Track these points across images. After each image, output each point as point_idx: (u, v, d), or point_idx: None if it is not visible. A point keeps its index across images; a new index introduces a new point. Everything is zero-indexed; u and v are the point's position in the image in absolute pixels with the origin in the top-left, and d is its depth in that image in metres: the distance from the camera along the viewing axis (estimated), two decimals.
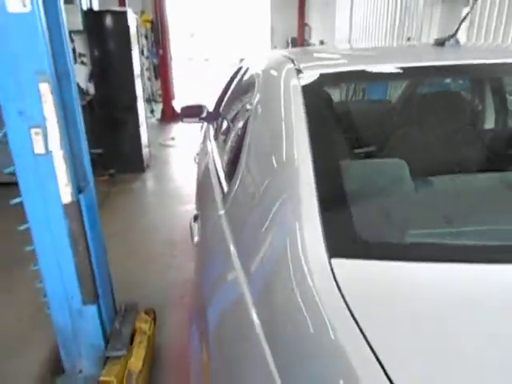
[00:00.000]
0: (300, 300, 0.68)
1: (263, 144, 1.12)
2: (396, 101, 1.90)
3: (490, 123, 1.71)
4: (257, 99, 1.33)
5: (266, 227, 0.88)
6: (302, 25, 10.95)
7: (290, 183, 0.88)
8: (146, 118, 6.05)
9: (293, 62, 1.27)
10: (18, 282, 2.74)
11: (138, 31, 5.71)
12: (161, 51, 8.87)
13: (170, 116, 8.65)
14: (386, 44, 6.68)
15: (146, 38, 9.56)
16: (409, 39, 6.41)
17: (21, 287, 2.69)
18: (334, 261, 0.70)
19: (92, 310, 1.84)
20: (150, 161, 5.73)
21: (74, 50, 4.80)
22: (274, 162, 1.00)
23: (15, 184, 1.60)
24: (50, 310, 1.84)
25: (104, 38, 4.92)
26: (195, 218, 1.54)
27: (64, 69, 1.64)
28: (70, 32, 4.07)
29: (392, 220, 0.88)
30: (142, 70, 7.01)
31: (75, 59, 4.89)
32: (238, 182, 1.17)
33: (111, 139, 5.21)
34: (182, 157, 6.09)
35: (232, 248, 1.01)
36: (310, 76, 1.16)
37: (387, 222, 0.87)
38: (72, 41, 4.81)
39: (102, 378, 1.78)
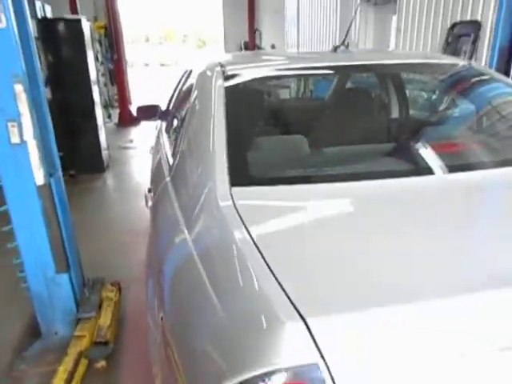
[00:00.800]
0: (211, 214, 1.08)
1: (194, 125, 1.51)
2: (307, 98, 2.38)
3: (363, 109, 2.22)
4: (193, 95, 1.71)
5: (193, 180, 1.28)
6: (253, 30, 11.47)
7: (208, 150, 1.27)
8: (104, 122, 6.27)
9: (221, 65, 1.67)
10: None
11: (91, 37, 5.93)
12: (115, 56, 9.05)
13: (127, 120, 8.84)
14: (326, 47, 7.30)
15: (100, 43, 9.68)
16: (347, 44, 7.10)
17: None
18: (234, 188, 1.11)
19: (64, 277, 2.16)
20: (109, 162, 5.97)
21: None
22: (202, 137, 1.39)
23: None
24: (28, 281, 2.14)
25: (58, 44, 5.13)
26: (149, 190, 1.91)
27: (33, 72, 1.96)
28: None
29: (275, 163, 1.31)
30: (97, 76, 7.20)
31: None
32: (178, 156, 1.55)
33: (71, 142, 5.38)
34: (140, 157, 6.36)
35: (175, 201, 1.39)
36: (232, 77, 1.57)
37: (272, 165, 1.30)
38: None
39: (75, 334, 2.11)
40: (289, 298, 0.72)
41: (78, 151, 5.41)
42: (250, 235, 0.93)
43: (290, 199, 1.13)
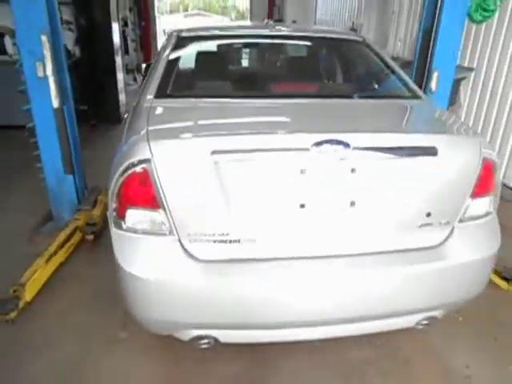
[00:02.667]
0: (141, 108, 1.88)
1: (153, 63, 2.30)
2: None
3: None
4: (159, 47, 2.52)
5: (143, 93, 2.07)
6: (272, 6, 12.05)
7: (151, 78, 2.07)
8: (126, 84, 7.14)
9: (179, 30, 2.46)
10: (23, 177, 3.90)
11: (117, 5, 6.72)
12: (143, 23, 9.85)
13: None
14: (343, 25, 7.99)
15: (130, 10, 10.46)
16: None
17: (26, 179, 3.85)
18: (155, 99, 1.92)
19: (70, 178, 3.05)
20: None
21: (60, 18, 5.86)
22: (152, 70, 2.17)
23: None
24: (46, 179, 3.03)
25: (88, 10, 5.96)
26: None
27: (55, 29, 2.78)
28: (59, 3, 5.16)
29: (185, 88, 2.13)
30: (125, 41, 8.01)
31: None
32: (142, 84, 2.35)
33: (94, 97, 6.29)
34: None
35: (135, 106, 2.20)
36: (181, 37, 2.36)
37: (182, 89, 2.11)
38: (59, 10, 5.86)
39: (75, 217, 3.00)
40: (148, 132, 1.52)
41: (100, 105, 6.32)
42: (150, 111, 1.78)
43: (184, 104, 1.94)
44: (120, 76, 6.69)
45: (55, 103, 2.79)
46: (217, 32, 2.52)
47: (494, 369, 2.03)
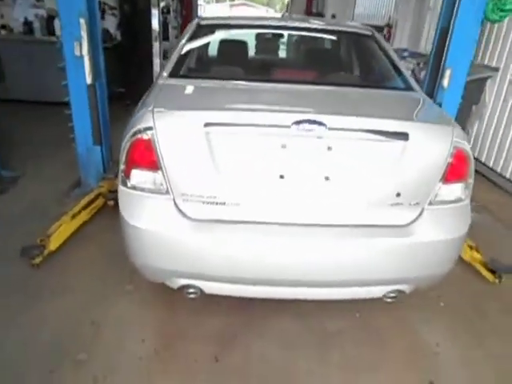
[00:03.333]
0: (158, 83, 2.14)
1: (174, 46, 2.56)
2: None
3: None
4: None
5: (161, 73, 2.32)
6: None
7: (170, 59, 2.33)
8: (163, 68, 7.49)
9: (201, 18, 2.70)
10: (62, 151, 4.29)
11: None
12: (184, 12, 10.17)
13: None
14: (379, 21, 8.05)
15: None
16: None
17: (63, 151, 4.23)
18: (169, 78, 2.16)
19: (97, 149, 3.38)
20: None
21: (100, 2, 6.25)
22: (172, 52, 2.43)
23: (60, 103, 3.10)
24: (76, 149, 3.37)
25: None
26: None
27: (93, 12, 3.08)
28: None
29: (197, 70, 2.37)
30: (165, 28, 8.34)
31: (104, 11, 6.34)
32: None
33: (130, 80, 6.68)
34: None
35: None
36: (203, 22, 2.60)
37: (194, 70, 2.35)
38: None
39: (100, 184, 3.33)
40: (154, 106, 1.76)
41: (134, 88, 6.68)
42: (162, 87, 2.03)
43: (191, 83, 2.17)
44: (157, 61, 7.02)
45: (88, 79, 3.10)
46: (233, 22, 2.73)
47: (463, 351, 2.16)
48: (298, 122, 1.63)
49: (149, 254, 1.82)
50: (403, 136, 1.69)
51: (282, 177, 1.72)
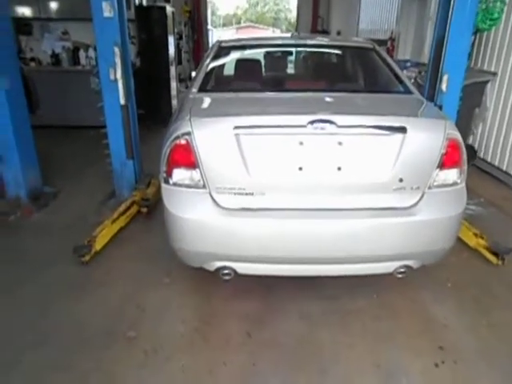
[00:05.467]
0: (188, 97, 2.51)
1: (199, 66, 2.92)
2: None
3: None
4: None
5: (190, 89, 2.68)
6: (316, 17, 12.64)
7: (196, 77, 2.69)
8: (179, 91, 7.98)
9: (220, 41, 3.08)
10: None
11: (174, 21, 7.57)
12: (195, 36, 10.76)
13: None
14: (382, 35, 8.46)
15: (185, 25, 11.45)
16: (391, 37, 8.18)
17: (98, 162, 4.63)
18: (198, 92, 2.53)
19: (130, 163, 3.75)
20: None
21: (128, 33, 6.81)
22: (198, 70, 2.79)
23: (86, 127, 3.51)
24: (112, 163, 3.75)
25: (148, 26, 6.83)
26: None
27: (124, 42, 3.50)
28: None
29: (221, 84, 2.73)
30: (178, 52, 8.89)
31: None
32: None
33: (150, 102, 7.13)
34: None
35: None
36: (223, 44, 2.98)
37: (219, 85, 2.71)
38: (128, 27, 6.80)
39: (133, 193, 3.69)
40: (190, 114, 2.10)
41: (155, 110, 7.16)
42: (193, 100, 2.40)
43: (217, 96, 2.54)
44: (173, 84, 7.51)
45: (122, 100, 3.50)
46: (249, 42, 3.12)
47: (469, 322, 2.40)
48: (313, 122, 1.95)
49: (189, 239, 2.13)
50: (402, 130, 1.99)
51: (300, 169, 2.03)
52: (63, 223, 3.51)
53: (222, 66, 3.03)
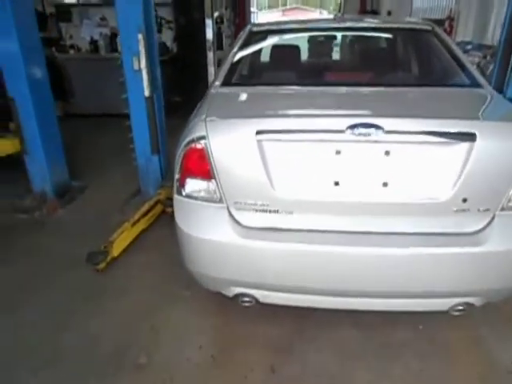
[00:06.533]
0: (211, 92, 2.18)
1: (227, 53, 2.59)
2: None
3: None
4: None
5: (214, 81, 2.35)
6: None
7: (222, 68, 2.35)
8: None
9: (253, 24, 2.71)
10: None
11: (212, 3, 7.22)
12: (237, 20, 10.35)
13: None
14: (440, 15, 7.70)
15: (226, 8, 11.05)
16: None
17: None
18: (222, 86, 2.19)
19: (155, 158, 3.50)
20: None
21: (156, 16, 6.53)
22: (225, 59, 2.44)
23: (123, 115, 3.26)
24: (137, 158, 3.52)
25: (185, 9, 6.54)
26: None
27: (150, 27, 3.21)
28: (161, 4, 5.82)
29: (246, 78, 2.36)
30: (219, 37, 8.57)
31: (161, 25, 6.60)
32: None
33: (187, 88, 6.89)
34: None
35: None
36: (254, 28, 2.61)
37: (247, 77, 2.35)
38: (155, 10, 6.52)
39: (158, 191, 3.45)
40: (207, 114, 1.78)
41: (191, 97, 6.90)
42: (213, 98, 2.06)
43: (243, 91, 2.18)
44: (212, 70, 7.19)
45: (147, 92, 3.23)
46: (284, 26, 2.72)
47: None
48: (353, 127, 1.57)
49: (203, 262, 1.84)
50: (470, 137, 1.56)
51: (337, 184, 1.66)
52: (86, 222, 3.34)
53: (253, 54, 2.65)
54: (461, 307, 1.79)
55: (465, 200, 1.63)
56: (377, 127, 1.55)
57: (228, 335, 2.21)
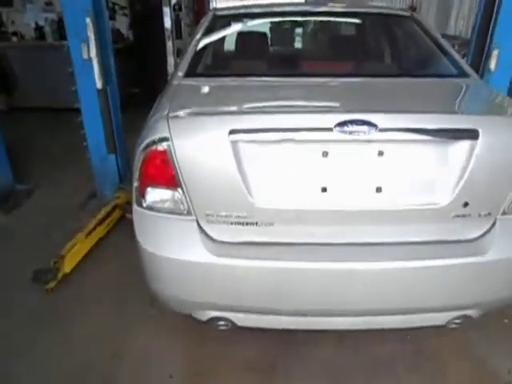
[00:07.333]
0: (173, 84, 1.88)
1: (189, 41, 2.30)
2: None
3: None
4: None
5: (176, 72, 2.06)
6: None
7: (185, 57, 2.06)
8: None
9: (216, 9, 2.42)
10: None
11: None
12: (196, 7, 9.90)
13: None
14: None
15: None
16: None
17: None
18: (185, 79, 1.90)
19: (112, 158, 3.16)
20: None
21: (108, 2, 6.04)
22: (187, 48, 2.16)
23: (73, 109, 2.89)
24: (91, 158, 3.16)
25: None
26: None
27: (100, 11, 2.84)
28: None
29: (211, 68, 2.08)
30: (178, 25, 8.15)
31: (115, 11, 6.13)
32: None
33: (145, 79, 6.47)
34: None
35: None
36: (219, 12, 2.33)
37: (214, 67, 2.07)
38: None
39: (116, 195, 3.11)
40: (169, 111, 1.49)
41: (149, 88, 6.49)
42: (176, 91, 1.78)
43: (210, 82, 1.92)
44: (171, 60, 6.78)
45: (99, 84, 2.87)
46: (252, 10, 2.44)
47: None
48: (342, 124, 1.34)
49: (171, 284, 1.57)
50: (472, 134, 1.38)
51: (324, 190, 1.44)
52: (33, 231, 2.96)
53: (218, 41, 2.37)
54: (458, 320, 1.64)
55: (466, 204, 1.45)
56: (369, 124, 1.34)
57: (203, 360, 1.96)
